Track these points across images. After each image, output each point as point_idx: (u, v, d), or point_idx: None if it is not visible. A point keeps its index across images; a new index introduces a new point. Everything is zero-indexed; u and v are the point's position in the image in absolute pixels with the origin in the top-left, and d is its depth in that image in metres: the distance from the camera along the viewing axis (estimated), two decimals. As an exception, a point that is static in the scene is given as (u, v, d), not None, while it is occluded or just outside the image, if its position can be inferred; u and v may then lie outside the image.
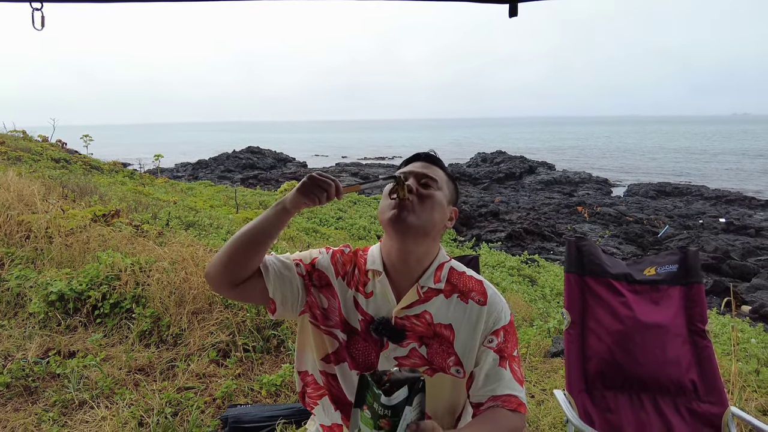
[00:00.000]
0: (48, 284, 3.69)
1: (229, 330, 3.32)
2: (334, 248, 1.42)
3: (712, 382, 1.86)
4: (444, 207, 1.33)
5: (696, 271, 1.98)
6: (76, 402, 2.78)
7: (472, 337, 1.29)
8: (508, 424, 1.21)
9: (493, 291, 1.36)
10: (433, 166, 1.37)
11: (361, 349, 1.32)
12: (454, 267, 1.37)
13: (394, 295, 1.31)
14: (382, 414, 0.95)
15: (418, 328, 1.29)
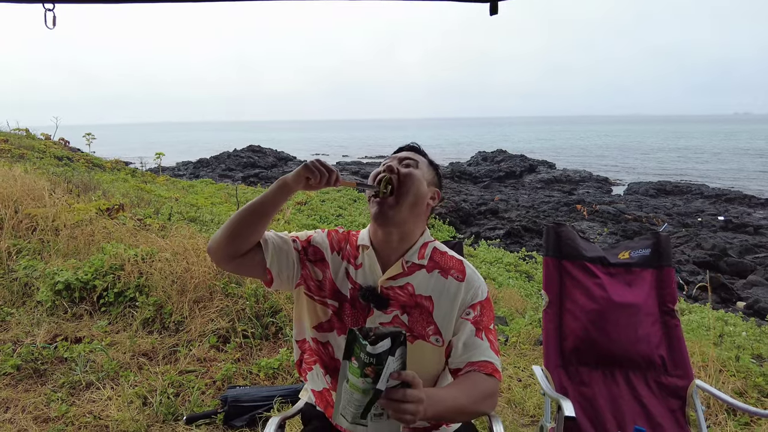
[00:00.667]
0: (55, 274, 3.82)
1: (229, 317, 3.45)
2: (329, 229, 1.55)
3: (680, 358, 1.98)
4: (424, 185, 1.44)
5: (667, 255, 2.10)
6: (83, 383, 2.91)
7: (450, 309, 1.40)
8: (483, 387, 1.32)
9: (471, 270, 1.47)
10: (415, 153, 1.52)
11: (350, 315, 1.42)
12: (437, 247, 1.49)
13: (381, 267, 1.42)
14: (368, 362, 1.06)
15: (401, 298, 1.40)
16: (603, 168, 32.00)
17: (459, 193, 19.01)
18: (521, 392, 2.99)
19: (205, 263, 3.76)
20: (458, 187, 21.07)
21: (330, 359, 1.47)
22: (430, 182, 1.48)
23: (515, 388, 3.05)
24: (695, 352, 3.24)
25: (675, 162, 37.47)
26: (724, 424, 2.59)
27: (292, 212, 9.93)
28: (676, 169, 32.78)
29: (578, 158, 40.11)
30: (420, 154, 1.52)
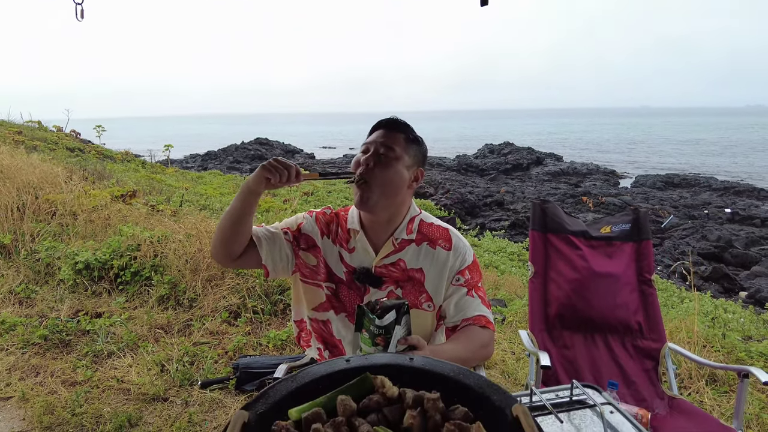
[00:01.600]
0: (75, 255, 4.05)
1: (240, 294, 3.65)
2: (316, 211, 1.59)
3: (654, 323, 2.15)
4: (403, 172, 1.43)
5: (646, 229, 2.26)
6: (105, 353, 3.14)
7: (440, 276, 1.50)
8: (480, 338, 1.45)
9: (457, 237, 1.55)
10: (394, 132, 1.45)
11: (346, 295, 1.52)
12: (423, 219, 1.56)
13: (372, 248, 1.50)
14: (378, 333, 1.19)
15: (394, 274, 1.49)
16: (610, 161, 31.86)
17: (465, 186, 19.09)
18: (514, 364, 3.17)
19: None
20: (465, 179, 21.14)
21: (329, 336, 1.60)
22: (410, 165, 1.46)
23: (509, 360, 3.23)
24: (681, 329, 3.39)
25: (684, 155, 37.20)
26: (702, 392, 2.76)
27: (299, 203, 10.12)
28: (685, 162, 32.57)
29: (586, 151, 39.92)
30: (399, 132, 1.47)
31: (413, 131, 1.51)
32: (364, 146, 1.47)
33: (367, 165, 1.41)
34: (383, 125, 1.48)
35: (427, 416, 0.85)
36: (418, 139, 1.51)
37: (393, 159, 1.42)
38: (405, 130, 1.48)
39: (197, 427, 2.51)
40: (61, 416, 2.54)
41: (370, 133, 1.50)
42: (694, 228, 13.83)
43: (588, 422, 0.99)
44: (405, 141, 1.45)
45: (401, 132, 1.46)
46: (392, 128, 1.47)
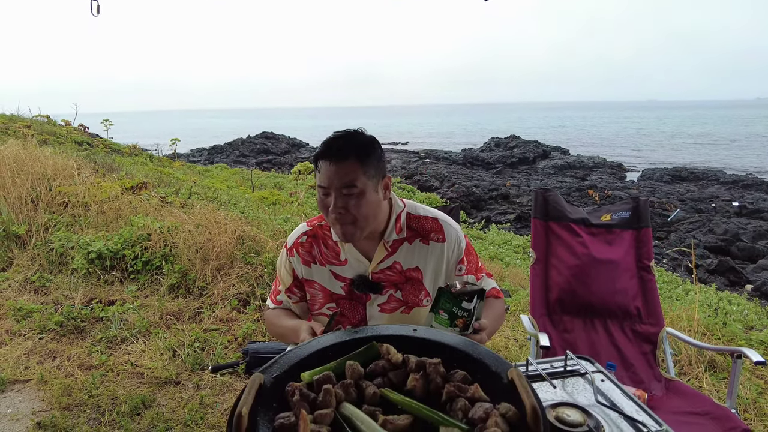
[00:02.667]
0: (88, 244, 4.15)
1: (249, 283, 3.74)
2: (290, 245, 1.56)
3: (653, 308, 2.21)
4: (373, 196, 1.36)
5: (645, 217, 2.31)
6: (119, 338, 3.23)
7: (437, 269, 1.51)
8: (498, 307, 1.55)
9: (447, 224, 1.53)
10: (345, 162, 1.31)
11: (349, 308, 1.53)
12: (410, 212, 1.51)
13: (364, 256, 1.48)
14: (461, 315, 1.24)
15: (392, 278, 1.48)
16: (617, 154, 31.69)
17: (471, 179, 19.10)
18: (517, 351, 3.24)
19: (226, 234, 4.05)
20: (470, 172, 21.13)
21: None
22: (376, 183, 1.37)
23: (512, 347, 3.30)
24: (683, 317, 3.44)
25: (691, 148, 36.91)
26: (701, 377, 2.82)
27: (306, 195, 10.19)
28: (693, 154, 32.35)
29: (592, 144, 39.70)
30: (351, 157, 1.32)
31: (360, 142, 1.36)
32: (321, 186, 1.35)
33: (338, 213, 1.33)
34: (332, 157, 1.32)
35: (429, 379, 0.92)
36: (368, 148, 1.37)
37: (359, 194, 1.32)
38: (354, 151, 1.33)
39: (208, 409, 2.60)
40: (79, 397, 2.64)
41: (318, 160, 1.35)
42: (700, 221, 13.78)
43: (580, 389, 1.06)
44: (360, 164, 1.32)
45: (351, 156, 1.32)
46: (341, 157, 1.32)
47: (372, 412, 0.85)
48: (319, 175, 1.35)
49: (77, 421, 2.48)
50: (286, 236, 4.34)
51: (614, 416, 0.96)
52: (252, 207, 6.81)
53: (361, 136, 1.38)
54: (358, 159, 1.32)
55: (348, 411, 0.85)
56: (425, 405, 0.86)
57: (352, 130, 1.40)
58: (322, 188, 1.35)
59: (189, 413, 2.52)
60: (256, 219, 5.04)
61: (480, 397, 0.86)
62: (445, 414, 0.84)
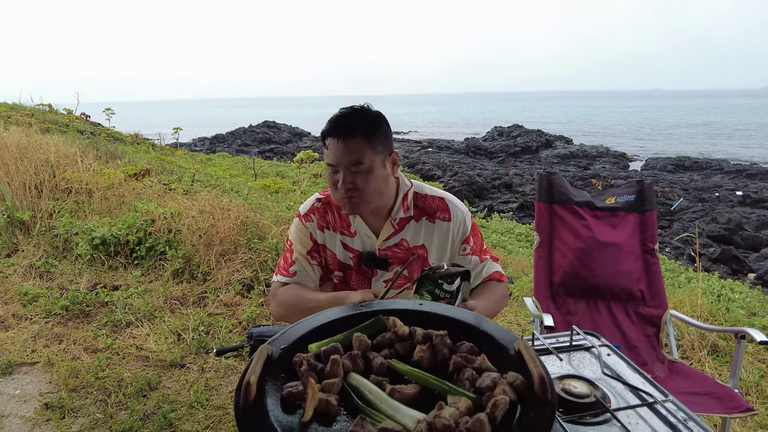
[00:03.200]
0: (92, 230, 4.16)
1: (253, 268, 3.75)
2: (307, 211, 1.55)
3: (657, 291, 2.21)
4: (380, 172, 1.38)
5: (650, 200, 2.30)
6: (124, 322, 3.26)
7: (443, 248, 1.53)
8: (498, 291, 1.54)
9: (454, 204, 1.54)
10: (352, 140, 1.33)
11: (356, 280, 1.55)
12: (417, 191, 1.53)
13: (372, 231, 1.50)
14: (443, 297, 1.25)
15: (399, 255, 1.51)
16: (620, 144, 31.53)
17: (473, 168, 19.05)
18: (520, 334, 3.25)
19: (230, 220, 4.05)
20: (473, 162, 21.08)
21: None
22: (383, 159, 1.39)
23: (515, 331, 3.31)
24: (686, 303, 3.44)
25: (695, 137, 36.69)
26: (703, 361, 2.83)
27: (308, 184, 10.19)
28: (696, 143, 32.17)
29: (596, 134, 39.48)
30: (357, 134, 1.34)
31: (367, 118, 1.38)
32: (329, 164, 1.38)
33: (347, 189, 1.36)
34: (339, 134, 1.34)
35: (436, 350, 0.92)
36: (375, 123, 1.38)
37: (366, 171, 1.35)
38: (361, 128, 1.35)
39: (213, 391, 2.62)
40: (85, 379, 2.67)
41: (325, 138, 1.37)
42: (704, 210, 13.74)
43: (586, 362, 1.06)
44: (367, 141, 1.34)
45: (358, 132, 1.34)
46: (348, 135, 1.33)
47: (379, 382, 0.86)
48: (327, 152, 1.37)
49: (84, 402, 2.51)
50: (290, 223, 4.35)
51: (620, 388, 0.96)
52: (255, 195, 6.81)
53: (367, 112, 1.39)
54: (365, 136, 1.34)
55: (355, 381, 0.86)
56: (432, 375, 0.87)
57: (358, 106, 1.40)
58: (331, 166, 1.38)
59: (194, 395, 2.54)
60: (259, 206, 5.04)
61: (487, 367, 0.86)
62: (453, 384, 0.85)
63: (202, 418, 2.39)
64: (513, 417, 0.74)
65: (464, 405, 0.77)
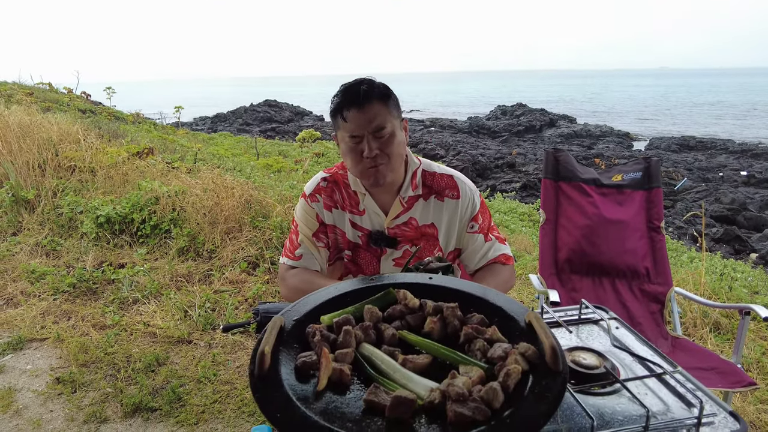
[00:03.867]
0: (96, 209, 4.17)
1: (258, 246, 3.77)
2: (310, 191, 1.53)
3: (662, 268, 2.21)
4: (401, 137, 1.40)
5: (657, 177, 2.29)
6: (130, 300, 3.29)
7: (451, 226, 1.53)
8: (505, 274, 1.53)
9: (462, 182, 1.53)
10: (372, 106, 1.33)
11: (365, 258, 1.55)
12: (425, 169, 1.53)
13: (381, 209, 1.49)
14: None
15: (408, 234, 1.51)
16: (625, 123, 31.24)
17: (477, 147, 18.94)
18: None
19: (234, 198, 4.05)
20: (476, 141, 20.95)
21: None
22: (399, 123, 1.41)
23: (518, 309, 3.33)
24: (689, 281, 3.46)
25: (701, 117, 36.31)
26: (706, 338, 2.85)
27: (310, 164, 10.16)
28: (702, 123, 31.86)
29: (600, 113, 39.10)
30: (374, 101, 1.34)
31: (379, 86, 1.37)
32: (351, 136, 1.35)
33: (374, 157, 1.34)
34: (358, 103, 1.32)
35: (447, 322, 0.93)
36: (387, 90, 1.38)
37: (390, 135, 1.35)
38: (377, 94, 1.34)
39: (221, 367, 2.66)
40: (95, 355, 2.71)
41: (342, 110, 1.35)
42: (707, 191, 13.68)
43: (595, 335, 1.07)
44: (385, 105, 1.35)
45: (375, 99, 1.33)
46: (367, 102, 1.32)
47: (391, 352, 0.87)
48: (347, 124, 1.34)
49: (94, 377, 2.55)
50: (293, 201, 4.35)
51: (629, 360, 0.97)
52: (258, 174, 6.80)
53: (375, 81, 1.39)
54: (382, 101, 1.34)
55: (368, 351, 0.87)
56: (444, 346, 0.88)
57: (364, 78, 1.38)
58: (354, 137, 1.35)
59: (202, 370, 2.58)
60: (262, 185, 5.04)
61: (498, 338, 0.87)
62: (464, 354, 0.86)
63: (210, 393, 2.43)
64: (525, 386, 0.74)
65: (477, 374, 0.78)
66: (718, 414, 0.81)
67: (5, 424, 2.26)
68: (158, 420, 2.26)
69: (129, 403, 2.32)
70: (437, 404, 0.73)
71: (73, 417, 2.28)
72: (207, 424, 2.23)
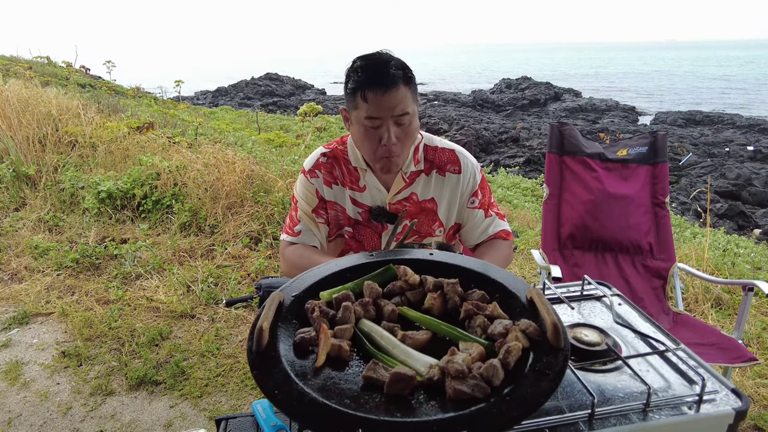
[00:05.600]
0: (97, 184, 4.16)
1: (260, 221, 3.76)
2: (309, 167, 1.50)
3: (665, 244, 2.20)
4: (417, 124, 1.35)
5: (663, 152, 2.25)
6: (133, 275, 3.30)
7: (452, 200, 1.51)
8: (503, 249, 1.52)
9: (464, 156, 1.51)
10: (396, 89, 1.25)
11: (365, 234, 1.53)
12: (427, 144, 1.50)
13: (383, 185, 1.47)
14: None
15: (408, 209, 1.49)
16: (630, 97, 30.79)
17: (480, 122, 18.75)
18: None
19: (235, 173, 4.03)
20: (480, 115, 20.72)
21: None
22: (417, 108, 1.36)
23: (520, 284, 3.34)
24: (692, 257, 3.45)
25: (709, 91, 35.73)
26: (707, 313, 2.86)
27: (312, 138, 10.08)
28: (710, 97, 31.37)
29: (605, 87, 38.51)
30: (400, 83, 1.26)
31: (403, 66, 1.29)
32: (370, 117, 1.27)
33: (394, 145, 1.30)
34: (383, 85, 1.24)
35: (447, 298, 0.92)
36: (410, 71, 1.31)
37: (410, 122, 1.30)
38: (402, 76, 1.26)
39: (224, 341, 2.69)
40: (99, 329, 2.74)
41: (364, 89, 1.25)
42: (712, 166, 13.55)
43: (597, 312, 1.06)
44: (409, 89, 1.28)
45: (400, 81, 1.25)
46: (393, 84, 1.24)
47: (391, 328, 0.86)
48: (367, 105, 1.26)
49: (99, 351, 2.59)
50: (295, 176, 4.32)
51: (631, 337, 0.97)
52: (259, 148, 6.75)
53: (397, 60, 1.29)
54: (406, 84, 1.27)
55: (367, 327, 0.86)
56: (444, 322, 0.87)
57: (384, 53, 1.31)
58: (374, 119, 1.27)
59: (205, 344, 2.61)
60: (264, 160, 5.01)
61: (499, 314, 0.86)
62: (464, 330, 0.85)
63: (214, 366, 2.46)
64: (526, 363, 0.74)
65: (477, 351, 0.77)
66: (719, 391, 0.80)
67: (13, 396, 2.30)
68: (162, 393, 2.29)
69: (134, 377, 2.35)
70: (436, 381, 0.73)
71: (79, 390, 2.32)
72: (210, 397, 2.26)
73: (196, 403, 2.23)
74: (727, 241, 6.13)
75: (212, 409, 2.20)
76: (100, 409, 2.20)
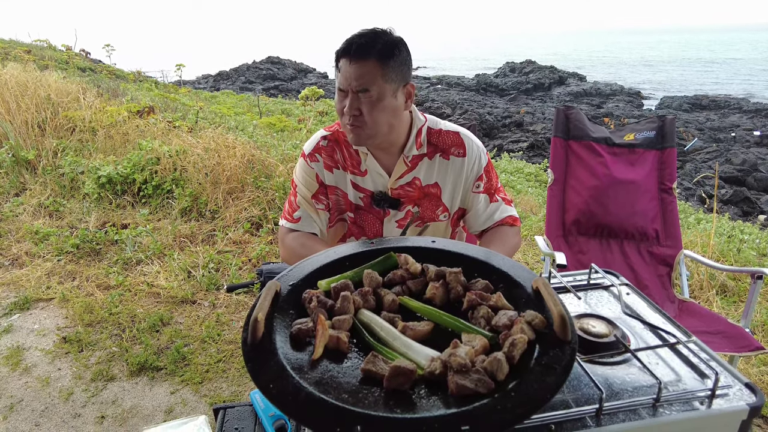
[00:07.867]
0: (97, 169, 4.12)
1: (261, 206, 3.73)
2: (309, 150, 1.46)
3: (672, 230, 2.16)
4: (391, 102, 1.28)
5: (671, 136, 2.20)
6: (134, 260, 3.29)
7: (456, 185, 1.47)
8: (510, 235, 1.47)
9: (469, 139, 1.46)
10: (364, 62, 1.23)
11: (367, 220, 1.50)
12: (431, 127, 1.45)
13: (384, 170, 1.43)
14: None
15: (411, 194, 1.45)
16: (635, 82, 30.43)
17: (484, 106, 18.58)
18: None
19: (236, 158, 3.99)
20: (483, 99, 20.54)
21: None
22: (396, 88, 1.29)
23: (523, 271, 3.31)
24: (697, 243, 3.41)
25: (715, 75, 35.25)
26: (712, 301, 2.83)
27: (314, 123, 9.99)
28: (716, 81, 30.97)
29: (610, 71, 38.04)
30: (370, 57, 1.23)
31: (384, 43, 1.25)
32: (339, 88, 1.29)
33: (352, 116, 1.27)
34: (352, 56, 1.23)
35: (449, 288, 0.89)
36: (392, 49, 1.26)
37: (374, 100, 1.25)
38: (376, 52, 1.23)
39: (225, 327, 2.68)
40: (100, 315, 2.73)
41: (339, 59, 1.27)
42: (718, 151, 13.41)
43: (604, 301, 1.03)
44: (380, 66, 1.23)
45: (372, 57, 1.23)
46: (360, 57, 1.23)
47: (391, 319, 0.83)
48: (339, 75, 1.28)
49: (100, 336, 2.58)
50: (296, 161, 4.27)
51: (640, 328, 0.93)
52: (260, 133, 6.69)
53: (386, 36, 1.27)
54: (379, 61, 1.23)
55: (366, 318, 0.83)
56: (446, 313, 0.84)
57: (379, 29, 1.27)
58: (341, 91, 1.28)
59: (206, 330, 2.60)
60: (265, 144, 4.95)
61: (503, 305, 0.83)
62: (467, 322, 0.82)
63: (215, 352, 2.45)
64: (531, 357, 0.71)
65: (480, 343, 0.74)
66: (733, 386, 0.77)
67: (15, 381, 2.30)
68: (163, 379, 2.29)
69: (134, 362, 2.34)
70: (438, 375, 0.70)
71: (80, 375, 2.31)
72: (211, 383, 2.26)
73: (197, 389, 2.22)
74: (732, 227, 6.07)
75: (213, 395, 2.19)
76: (101, 394, 2.20)
